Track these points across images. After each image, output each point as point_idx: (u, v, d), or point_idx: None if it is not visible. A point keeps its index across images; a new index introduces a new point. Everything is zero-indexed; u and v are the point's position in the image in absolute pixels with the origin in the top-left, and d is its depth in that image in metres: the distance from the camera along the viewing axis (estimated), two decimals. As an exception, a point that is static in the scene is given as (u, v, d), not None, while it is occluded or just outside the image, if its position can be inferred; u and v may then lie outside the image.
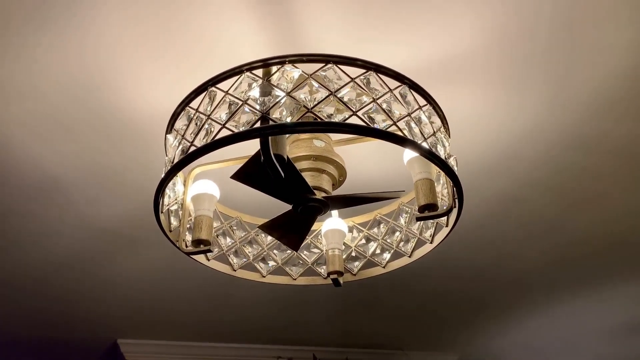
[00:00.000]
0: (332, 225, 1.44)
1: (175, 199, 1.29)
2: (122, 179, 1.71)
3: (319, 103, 0.98)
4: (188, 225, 1.31)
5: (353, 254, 1.48)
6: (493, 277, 2.46)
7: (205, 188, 1.30)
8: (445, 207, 1.17)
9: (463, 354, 3.46)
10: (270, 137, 0.98)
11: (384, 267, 1.43)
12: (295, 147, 1.26)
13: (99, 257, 2.11)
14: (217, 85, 1.06)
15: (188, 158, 1.01)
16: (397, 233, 1.43)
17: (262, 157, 0.98)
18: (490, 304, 2.79)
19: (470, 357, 3.49)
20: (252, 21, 1.25)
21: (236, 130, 0.96)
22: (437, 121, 1.13)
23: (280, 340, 3.06)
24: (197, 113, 1.06)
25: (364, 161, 1.64)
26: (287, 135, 1.23)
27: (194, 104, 1.09)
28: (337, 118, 0.98)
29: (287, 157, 1.06)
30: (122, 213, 1.86)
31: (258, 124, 0.96)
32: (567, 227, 2.09)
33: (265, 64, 1.03)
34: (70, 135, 1.54)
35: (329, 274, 1.39)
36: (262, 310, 2.66)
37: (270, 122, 0.96)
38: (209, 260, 1.38)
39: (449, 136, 1.20)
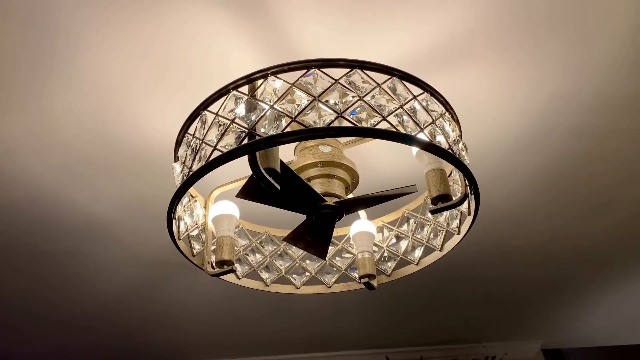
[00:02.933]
0: (359, 228, 1.41)
1: (195, 224, 1.31)
2: (156, 208, 1.76)
3: (302, 110, 0.96)
4: (213, 247, 1.33)
5: (385, 254, 1.45)
6: (560, 256, 2.32)
7: (222, 209, 1.31)
8: (459, 196, 1.12)
9: (546, 340, 3.29)
10: (258, 152, 0.97)
11: (417, 265, 1.39)
12: (302, 155, 1.25)
13: (155, 286, 2.19)
14: (209, 108, 1.07)
15: (186, 184, 1.02)
16: (426, 228, 1.38)
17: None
18: (566, 284, 2.62)
19: (554, 341, 3.31)
20: (243, 39, 1.26)
21: (224, 151, 0.97)
22: (437, 108, 1.08)
23: (349, 345, 3.05)
24: (194, 138, 1.07)
25: (382, 158, 1.60)
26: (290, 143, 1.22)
27: (192, 129, 1.11)
28: (323, 122, 0.96)
29: (285, 167, 1.05)
30: (166, 242, 1.91)
31: (246, 141, 0.96)
32: (622, 197, 1.94)
33: (249, 79, 1.02)
34: (101, 177, 1.61)
35: (360, 278, 1.36)
36: (326, 318, 2.66)
37: (257, 137, 0.95)
38: (239, 279, 1.39)
39: (457, 121, 1.15)
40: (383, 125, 0.96)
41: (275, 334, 2.75)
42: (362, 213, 1.49)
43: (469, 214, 1.21)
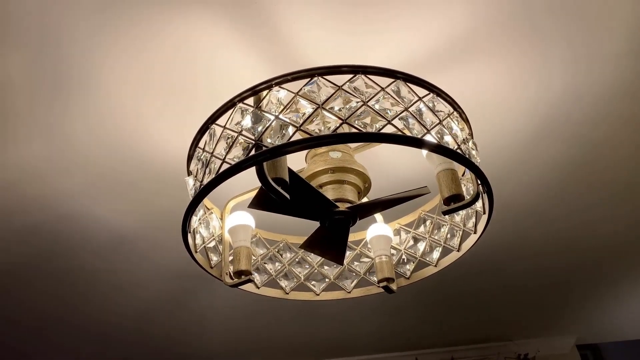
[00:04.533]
0: (376, 232, 1.41)
1: (212, 236, 1.32)
2: (176, 221, 1.78)
3: (307, 119, 0.97)
4: (230, 258, 1.34)
5: (404, 257, 1.44)
6: (586, 245, 2.25)
7: (238, 220, 1.32)
8: (471, 195, 1.10)
9: (581, 334, 3.21)
10: (265, 163, 0.98)
11: (435, 266, 1.37)
12: (313, 163, 1.26)
13: (183, 297, 2.22)
14: (218, 121, 1.09)
15: (197, 197, 1.04)
16: (443, 228, 1.37)
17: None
18: (597, 275, 2.54)
19: (590, 336, 3.24)
20: (246, 51, 1.27)
21: (232, 163, 0.98)
22: (444, 108, 1.07)
23: (380, 349, 3.03)
24: (204, 152, 1.09)
25: (394, 161, 1.59)
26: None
27: (202, 143, 1.13)
28: (328, 130, 0.97)
29: (295, 176, 1.05)
30: (188, 255, 1.94)
31: (253, 152, 0.97)
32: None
33: (254, 91, 1.04)
34: (122, 193, 1.65)
35: (379, 281, 1.35)
36: (354, 322, 2.65)
37: (264, 148, 0.96)
38: (258, 288, 1.40)
39: (466, 120, 1.14)
40: (389, 129, 0.96)
41: (301, 338, 2.76)
42: (378, 216, 1.49)
43: (484, 213, 1.19)
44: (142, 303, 2.21)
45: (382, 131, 0.95)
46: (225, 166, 1.00)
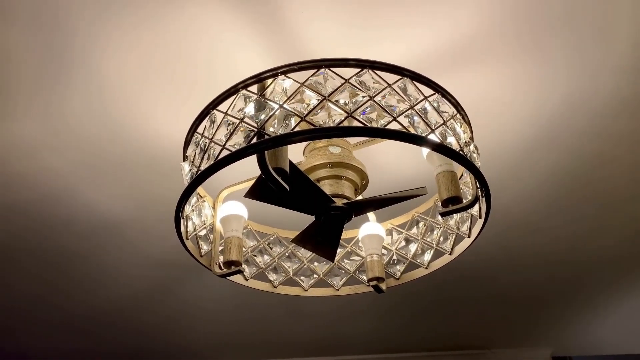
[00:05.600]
0: (368, 231, 1.40)
1: (204, 224, 1.30)
2: (168, 209, 1.75)
3: (312, 110, 0.95)
4: (221, 248, 1.32)
5: (394, 257, 1.43)
6: (572, 259, 2.27)
7: (231, 209, 1.30)
8: (470, 198, 1.10)
9: (557, 347, 3.24)
10: (267, 151, 0.97)
11: (426, 268, 1.37)
12: (311, 156, 1.24)
13: (166, 287, 2.19)
14: (218, 108, 1.07)
15: (194, 183, 1.02)
16: (436, 231, 1.37)
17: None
18: (578, 289, 2.56)
19: (564, 348, 3.27)
20: (250, 32, 1.25)
21: (233, 150, 0.96)
22: (449, 109, 1.07)
23: (361, 350, 3.03)
24: (203, 137, 1.07)
25: (392, 160, 1.59)
26: (301, 143, 1.22)
27: (201, 129, 1.11)
28: (333, 122, 0.95)
29: (294, 168, 1.04)
30: (177, 243, 1.91)
31: (255, 140, 0.96)
32: (636, 199, 1.91)
33: (259, 78, 1.02)
34: (115, 176, 1.62)
35: (369, 280, 1.35)
36: (339, 322, 2.64)
37: (266, 137, 0.95)
38: (247, 280, 1.38)
39: (468, 123, 1.13)
40: (393, 126, 0.96)
41: (286, 336, 2.74)
42: (371, 215, 1.48)
43: (480, 217, 1.19)
44: (126, 289, 2.18)
45: (388, 127, 0.94)
46: (225, 153, 0.98)
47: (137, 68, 1.31)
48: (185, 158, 1.16)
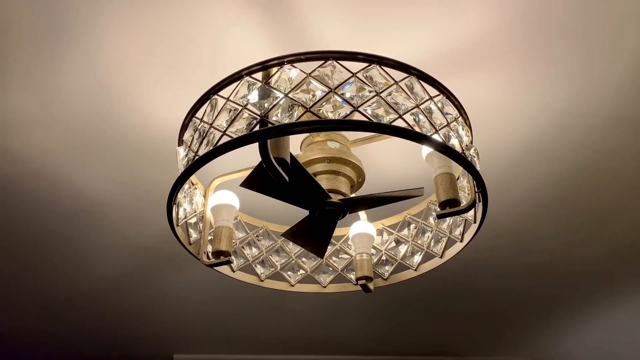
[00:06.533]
0: (359, 229, 1.39)
1: (194, 212, 1.28)
2: (155, 195, 1.72)
3: (318, 101, 0.94)
4: (210, 237, 1.29)
5: (384, 257, 1.42)
6: (556, 272, 2.29)
7: (223, 199, 1.28)
8: (468, 202, 1.10)
9: (534, 357, 3.27)
10: (269, 140, 0.95)
11: (415, 270, 1.36)
12: (309, 150, 1.23)
13: (147, 275, 2.15)
14: (220, 93, 1.04)
15: (191, 168, 1.00)
16: (427, 233, 1.36)
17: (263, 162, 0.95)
18: (558, 301, 2.59)
19: (542, 359, 3.29)
20: (257, 26, 1.23)
21: (234, 137, 0.94)
22: (452, 111, 1.06)
23: (335, 350, 3.01)
24: (202, 123, 1.04)
25: (389, 159, 1.58)
26: (301, 135, 1.20)
27: (201, 113, 1.08)
28: (339, 115, 0.94)
29: (294, 160, 1.02)
30: (161, 230, 1.88)
31: (257, 128, 0.94)
32: (627, 216, 1.93)
33: (264, 66, 1.00)
34: (99, 158, 1.58)
35: (357, 279, 1.33)
36: (315, 320, 2.62)
37: (269, 125, 0.93)
38: (234, 271, 1.36)
39: (469, 126, 1.13)
40: (398, 123, 0.94)
41: (267, 332, 2.70)
42: (362, 214, 1.47)
43: (475, 222, 1.19)
44: (105, 275, 2.12)
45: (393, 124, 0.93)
46: (225, 139, 0.96)
47: (139, 51, 1.28)
48: (180, 143, 1.14)
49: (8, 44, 1.25)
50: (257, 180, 1.08)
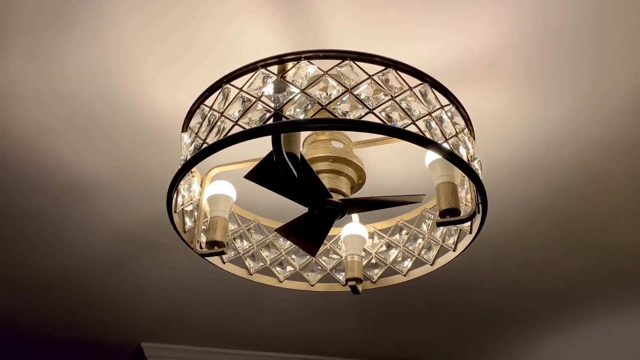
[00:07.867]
0: (351, 231, 1.40)
1: (191, 200, 1.27)
2: (146, 182, 1.70)
3: (334, 100, 0.94)
4: (204, 227, 1.28)
5: (373, 260, 1.43)
6: (525, 289, 2.34)
7: (221, 189, 1.27)
8: (468, 213, 1.11)
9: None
10: (282, 135, 0.95)
11: (404, 275, 1.38)
12: (312, 148, 1.23)
13: (124, 261, 2.11)
14: (232, 83, 1.04)
15: (199, 155, 0.99)
16: (419, 240, 1.38)
17: (274, 156, 0.95)
18: (521, 318, 2.65)
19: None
20: (269, 20, 1.23)
21: (248, 127, 0.93)
22: (461, 122, 1.08)
23: (305, 349, 3.01)
24: (211, 111, 1.03)
25: (386, 164, 1.59)
26: (304, 133, 1.20)
27: (210, 101, 1.07)
28: (353, 116, 0.94)
29: (301, 155, 1.02)
30: (147, 217, 1.85)
31: (271, 121, 0.93)
32: (607, 240, 1.99)
33: (281, 60, 1.00)
34: (93, 139, 1.54)
35: (347, 280, 1.34)
36: (288, 318, 2.61)
37: (283, 119, 0.93)
38: (224, 263, 1.35)
39: (474, 138, 1.15)
40: (410, 129, 0.95)
41: (241, 327, 2.68)
42: (354, 216, 1.47)
43: (470, 232, 1.20)
44: (84, 258, 2.08)
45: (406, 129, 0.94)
46: (237, 129, 0.96)
47: (148, 37, 1.26)
48: (185, 129, 1.12)
49: (15, 15, 1.21)
50: (262, 173, 1.07)
